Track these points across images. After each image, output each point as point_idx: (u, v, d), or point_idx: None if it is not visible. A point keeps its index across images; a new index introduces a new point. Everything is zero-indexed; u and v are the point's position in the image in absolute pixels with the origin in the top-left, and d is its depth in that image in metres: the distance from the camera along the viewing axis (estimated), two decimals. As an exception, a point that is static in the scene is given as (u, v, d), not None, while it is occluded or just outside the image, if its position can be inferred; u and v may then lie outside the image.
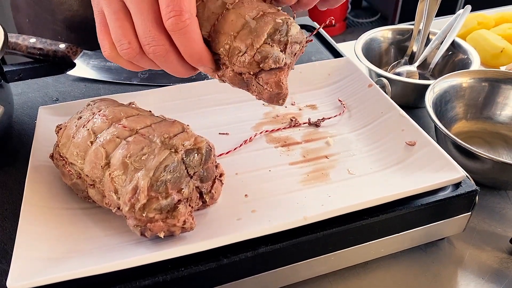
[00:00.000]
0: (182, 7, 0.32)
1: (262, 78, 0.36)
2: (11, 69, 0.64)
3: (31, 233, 0.37)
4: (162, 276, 0.35)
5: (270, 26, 0.35)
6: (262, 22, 0.35)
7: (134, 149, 0.35)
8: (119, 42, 0.34)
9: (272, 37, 0.35)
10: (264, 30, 0.35)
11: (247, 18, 0.35)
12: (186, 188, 0.36)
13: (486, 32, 0.72)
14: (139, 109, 0.41)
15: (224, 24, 0.35)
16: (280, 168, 0.45)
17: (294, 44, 0.37)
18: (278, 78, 0.36)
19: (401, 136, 0.46)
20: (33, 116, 0.55)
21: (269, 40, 0.35)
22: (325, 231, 0.37)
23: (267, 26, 0.35)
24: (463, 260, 0.43)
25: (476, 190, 0.41)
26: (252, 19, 0.35)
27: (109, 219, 0.40)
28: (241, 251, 0.36)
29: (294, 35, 0.36)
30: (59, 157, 0.40)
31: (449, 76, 0.56)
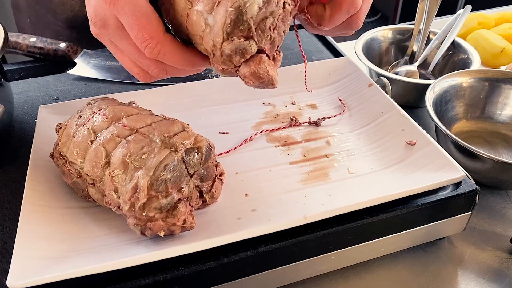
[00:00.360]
0: (146, 37, 0.35)
1: (240, 72, 0.34)
2: (12, 68, 0.64)
3: (31, 232, 0.37)
4: (163, 275, 0.35)
5: (223, 19, 0.32)
6: (217, 15, 0.33)
7: (134, 148, 0.35)
8: (131, 72, 0.39)
9: (228, 32, 0.33)
10: (219, 26, 0.32)
11: (205, 15, 0.33)
12: (186, 187, 0.36)
13: (486, 32, 0.72)
14: (139, 108, 0.41)
15: (192, 26, 0.34)
16: (280, 167, 0.45)
17: (263, 22, 0.33)
18: (254, 69, 0.34)
19: (401, 135, 0.46)
20: (33, 115, 0.55)
21: (227, 35, 0.33)
22: (326, 231, 0.37)
23: (222, 19, 0.32)
24: (463, 259, 0.43)
25: (476, 189, 0.41)
26: (209, 13, 0.33)
27: (109, 218, 0.40)
28: (241, 250, 0.36)
29: (254, 15, 0.32)
30: (59, 156, 0.40)
31: (450, 75, 0.56)
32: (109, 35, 0.37)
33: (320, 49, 0.67)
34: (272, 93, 0.56)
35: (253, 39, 0.33)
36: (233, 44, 0.33)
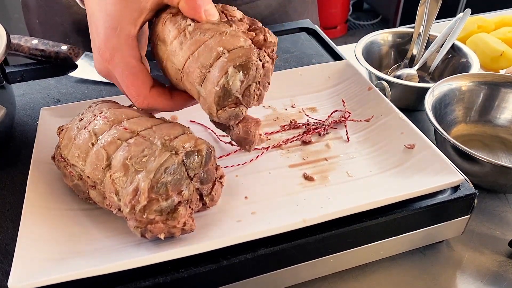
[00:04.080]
0: (134, 94, 0.40)
1: (234, 127, 0.41)
2: (13, 70, 0.64)
3: (32, 233, 0.37)
4: (162, 277, 0.35)
5: (212, 96, 0.37)
6: (207, 90, 0.37)
7: (135, 151, 0.36)
8: None
9: (219, 104, 0.38)
10: (211, 101, 0.37)
11: (197, 87, 0.38)
12: (186, 190, 0.37)
13: (485, 35, 0.72)
14: (140, 111, 0.42)
15: (187, 89, 0.40)
16: (280, 170, 0.45)
17: (248, 89, 0.38)
18: (246, 125, 0.41)
19: (400, 139, 0.46)
20: (35, 117, 0.56)
21: (219, 107, 0.38)
22: (325, 233, 0.38)
23: (212, 96, 0.37)
24: (462, 262, 0.44)
25: (474, 193, 0.41)
26: (200, 86, 0.38)
27: (110, 220, 0.40)
28: (241, 253, 0.36)
29: (238, 88, 0.37)
30: (61, 158, 0.41)
31: (449, 79, 0.56)
32: (114, 81, 0.42)
33: (320, 52, 0.67)
34: (273, 96, 0.56)
35: (242, 105, 0.39)
36: (227, 113, 0.39)
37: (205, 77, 0.37)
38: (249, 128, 0.41)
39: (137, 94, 0.40)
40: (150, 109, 0.42)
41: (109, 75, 0.42)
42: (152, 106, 0.41)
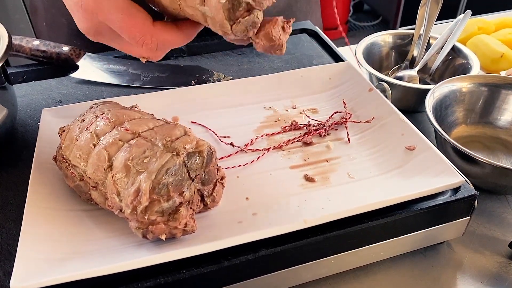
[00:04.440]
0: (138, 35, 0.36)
1: (254, 36, 0.36)
2: (15, 71, 0.64)
3: (34, 234, 0.37)
4: (164, 278, 0.35)
5: (221, 11, 0.33)
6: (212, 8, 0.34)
7: (136, 152, 0.36)
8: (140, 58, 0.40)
9: (232, 17, 0.34)
10: (221, 17, 0.33)
11: (200, 9, 0.34)
12: (188, 191, 0.37)
13: (486, 37, 0.72)
14: (141, 112, 0.42)
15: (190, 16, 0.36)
16: (281, 171, 0.46)
17: None
18: (268, 31, 0.36)
19: (401, 140, 0.47)
20: (36, 118, 0.56)
21: (232, 21, 0.34)
22: (326, 235, 0.38)
23: (219, 11, 0.33)
24: (463, 264, 0.44)
25: (475, 194, 0.41)
26: (203, 5, 0.34)
27: (111, 221, 0.40)
28: (242, 253, 0.36)
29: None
30: (62, 159, 0.41)
31: (449, 80, 0.56)
32: (106, 40, 0.38)
33: (321, 53, 0.67)
34: (273, 97, 0.56)
35: (255, 9, 0.34)
36: (242, 24, 0.34)
37: None
38: (272, 34, 0.36)
39: (142, 34, 0.36)
40: (161, 48, 0.38)
41: (99, 31, 0.37)
42: (162, 43, 0.37)
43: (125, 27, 0.36)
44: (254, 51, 0.69)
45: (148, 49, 0.37)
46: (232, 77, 0.62)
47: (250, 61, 0.66)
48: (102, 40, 0.39)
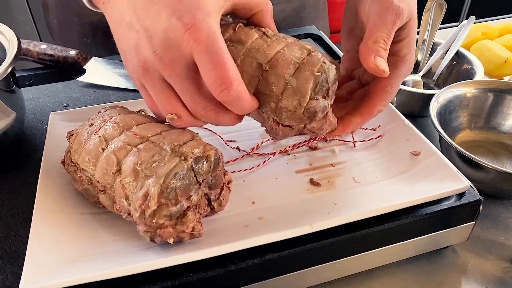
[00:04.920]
0: (229, 77, 0.33)
1: (315, 127, 0.39)
2: (22, 74, 0.65)
3: (43, 237, 0.37)
4: (171, 281, 0.36)
5: (311, 82, 0.36)
6: (302, 79, 0.36)
7: (145, 157, 0.36)
8: (169, 118, 0.37)
9: (315, 91, 0.37)
10: (307, 88, 0.36)
11: (286, 78, 0.37)
12: (195, 195, 0.37)
13: (490, 42, 0.73)
14: (149, 117, 0.42)
15: (266, 87, 0.37)
16: (287, 175, 0.46)
17: (334, 84, 0.39)
18: (329, 121, 0.39)
19: (406, 145, 0.47)
20: (43, 121, 0.56)
21: (313, 95, 0.37)
22: (331, 239, 0.38)
23: (309, 83, 0.36)
24: (467, 268, 0.44)
25: (480, 199, 0.41)
26: (291, 76, 0.37)
27: (119, 224, 0.40)
28: (248, 257, 0.37)
29: (332, 79, 0.38)
30: (71, 163, 0.41)
31: (454, 86, 0.56)
32: (168, 74, 0.35)
33: (326, 58, 0.68)
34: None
35: (328, 99, 0.38)
36: (318, 103, 0.37)
37: (298, 67, 0.36)
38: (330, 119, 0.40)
39: (232, 79, 0.33)
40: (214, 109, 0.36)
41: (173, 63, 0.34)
42: (237, 98, 0.35)
43: (220, 65, 0.33)
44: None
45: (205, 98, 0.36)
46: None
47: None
48: (155, 71, 0.35)
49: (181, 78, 0.35)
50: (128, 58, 0.36)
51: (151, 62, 0.34)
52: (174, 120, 0.37)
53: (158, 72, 0.35)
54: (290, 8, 0.76)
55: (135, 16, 0.35)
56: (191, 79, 0.35)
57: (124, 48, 0.37)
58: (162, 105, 0.37)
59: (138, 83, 0.38)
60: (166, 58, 0.34)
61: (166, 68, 0.34)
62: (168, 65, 0.34)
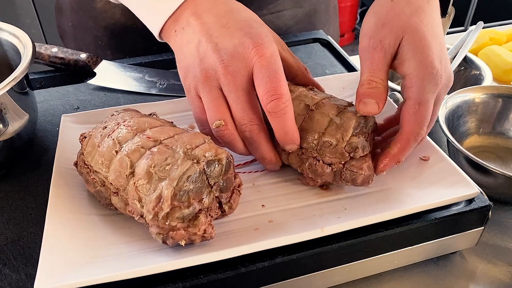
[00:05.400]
0: (281, 91, 0.38)
1: (354, 165, 0.41)
2: (33, 77, 0.66)
3: (56, 238, 0.38)
4: (182, 283, 0.36)
5: (354, 120, 0.41)
6: (345, 117, 0.42)
7: (158, 159, 0.37)
8: (216, 124, 0.41)
9: (356, 130, 0.42)
10: (349, 125, 0.41)
11: (331, 116, 0.42)
12: (207, 198, 0.38)
13: (498, 48, 0.73)
14: (161, 120, 0.43)
15: (311, 123, 0.42)
16: (296, 179, 0.46)
17: (373, 132, 0.44)
18: (369, 163, 0.42)
19: (415, 151, 0.47)
20: (54, 123, 0.57)
21: (355, 133, 0.41)
22: (341, 243, 0.38)
23: (351, 121, 0.41)
24: (475, 274, 0.44)
25: (489, 205, 0.41)
26: (336, 116, 0.42)
27: (130, 226, 0.41)
28: (258, 260, 0.37)
29: (372, 125, 0.43)
30: (84, 165, 0.42)
31: (462, 91, 0.57)
32: (228, 81, 0.39)
33: (334, 63, 0.68)
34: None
35: (368, 141, 0.43)
36: (359, 140, 0.41)
37: (341, 110, 0.42)
38: (371, 163, 0.42)
39: (283, 93, 0.38)
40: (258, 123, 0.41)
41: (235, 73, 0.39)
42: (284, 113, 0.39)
43: (277, 78, 0.38)
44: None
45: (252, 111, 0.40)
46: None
47: (263, 70, 0.67)
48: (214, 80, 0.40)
49: (237, 89, 0.39)
50: (190, 70, 0.41)
51: (215, 69, 0.39)
52: (220, 127, 0.40)
53: (218, 81, 0.40)
54: (301, 13, 0.77)
55: (207, 36, 0.40)
56: (245, 91, 0.39)
57: (188, 63, 0.41)
58: (212, 111, 0.40)
59: (194, 93, 0.42)
60: (230, 67, 0.38)
61: (228, 76, 0.39)
62: (230, 73, 0.39)
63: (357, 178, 0.42)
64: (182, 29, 0.42)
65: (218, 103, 0.40)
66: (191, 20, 0.41)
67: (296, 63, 0.47)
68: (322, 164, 0.42)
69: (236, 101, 0.39)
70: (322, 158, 0.42)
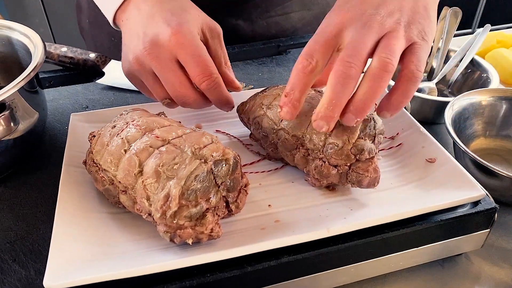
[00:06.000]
0: (209, 71, 0.44)
1: (360, 167, 0.42)
2: (43, 76, 0.67)
3: (65, 235, 0.38)
4: (189, 281, 0.36)
5: (361, 123, 0.41)
6: None
7: (166, 159, 0.37)
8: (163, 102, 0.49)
9: (363, 132, 0.42)
10: (356, 127, 0.41)
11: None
12: (214, 197, 0.38)
13: (505, 50, 0.72)
14: (169, 120, 0.43)
15: None
16: (302, 180, 0.46)
17: (379, 135, 0.44)
18: (375, 165, 0.42)
19: (421, 152, 0.47)
20: (63, 122, 0.58)
21: (362, 135, 0.41)
22: (347, 243, 0.39)
23: (358, 123, 0.40)
24: (481, 276, 0.44)
25: (495, 207, 0.42)
26: None
27: (138, 224, 0.41)
28: (264, 259, 0.37)
29: (379, 128, 0.43)
30: (93, 163, 0.42)
31: (469, 93, 0.57)
32: (156, 67, 0.44)
33: (340, 64, 0.68)
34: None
35: (374, 144, 0.42)
36: (365, 142, 0.41)
37: None
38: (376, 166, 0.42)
39: (211, 73, 0.44)
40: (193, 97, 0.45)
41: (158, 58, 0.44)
42: (214, 88, 0.45)
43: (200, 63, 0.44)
44: (275, 61, 0.70)
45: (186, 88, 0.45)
46: (253, 86, 0.63)
47: (270, 71, 0.67)
48: (147, 65, 0.45)
49: (164, 71, 0.44)
50: (127, 57, 0.47)
51: (143, 56, 0.44)
52: (169, 103, 0.48)
53: (148, 67, 0.45)
54: (309, 16, 0.77)
55: (139, 27, 0.46)
56: (172, 71, 0.44)
57: (126, 51, 0.47)
58: (155, 93, 0.48)
59: (134, 78, 0.48)
60: (153, 53, 0.44)
61: (153, 61, 0.44)
62: (154, 59, 0.44)
63: (363, 180, 0.42)
64: (127, 19, 0.48)
65: (154, 87, 0.47)
66: (133, 11, 0.47)
67: (217, 53, 0.50)
68: (328, 165, 0.42)
69: (166, 83, 0.45)
70: (328, 160, 0.42)
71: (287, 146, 0.45)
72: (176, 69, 0.44)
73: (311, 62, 0.37)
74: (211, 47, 0.49)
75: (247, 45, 0.72)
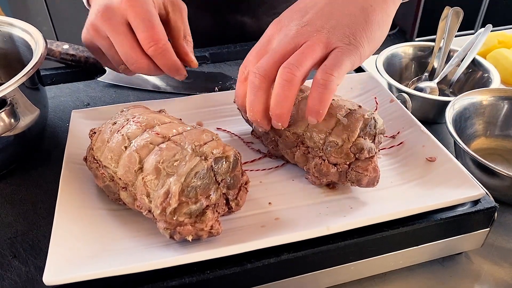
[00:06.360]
0: (157, 37, 0.45)
1: (360, 166, 0.42)
2: (45, 73, 0.67)
3: (65, 231, 0.38)
4: (188, 278, 0.36)
5: (361, 122, 0.42)
6: (353, 118, 0.42)
7: (166, 155, 0.37)
8: (120, 68, 0.50)
9: (363, 131, 0.41)
10: (356, 126, 0.41)
11: (338, 116, 0.42)
12: (214, 195, 0.38)
13: (506, 51, 0.72)
14: (170, 117, 0.43)
15: (318, 123, 0.41)
16: (303, 178, 0.46)
17: (380, 135, 0.44)
18: (374, 164, 0.42)
19: (421, 151, 0.47)
20: (64, 119, 0.58)
21: (362, 134, 0.41)
22: (346, 241, 0.39)
23: (359, 122, 0.42)
24: (480, 275, 0.44)
25: (495, 206, 0.41)
26: (343, 117, 0.42)
27: (138, 221, 0.41)
28: (264, 257, 0.37)
29: (380, 128, 0.44)
30: (93, 160, 0.42)
31: (470, 93, 0.57)
32: (108, 29, 0.45)
33: (342, 63, 0.68)
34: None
35: (374, 143, 0.43)
36: (365, 141, 0.41)
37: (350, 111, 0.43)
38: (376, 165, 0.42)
39: (159, 39, 0.44)
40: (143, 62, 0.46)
41: (110, 20, 0.44)
42: (163, 54, 0.45)
43: (149, 28, 0.44)
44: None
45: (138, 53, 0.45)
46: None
47: (271, 69, 0.67)
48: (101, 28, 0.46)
49: (116, 33, 0.45)
50: (85, 25, 0.48)
51: (96, 20, 0.45)
52: (125, 69, 0.49)
53: (103, 30, 0.46)
54: None
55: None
56: (124, 34, 0.45)
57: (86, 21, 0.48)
58: (111, 58, 0.48)
59: (92, 46, 0.49)
60: (106, 16, 0.45)
61: (105, 24, 0.45)
62: (107, 22, 0.45)
63: (362, 180, 0.42)
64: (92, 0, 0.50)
65: (110, 52, 0.48)
66: None
67: (176, 25, 0.50)
68: (328, 164, 0.42)
69: (118, 46, 0.46)
70: (328, 158, 0.42)
71: (287, 143, 0.45)
72: (127, 32, 0.45)
73: (244, 72, 0.43)
74: (171, 19, 0.50)
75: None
